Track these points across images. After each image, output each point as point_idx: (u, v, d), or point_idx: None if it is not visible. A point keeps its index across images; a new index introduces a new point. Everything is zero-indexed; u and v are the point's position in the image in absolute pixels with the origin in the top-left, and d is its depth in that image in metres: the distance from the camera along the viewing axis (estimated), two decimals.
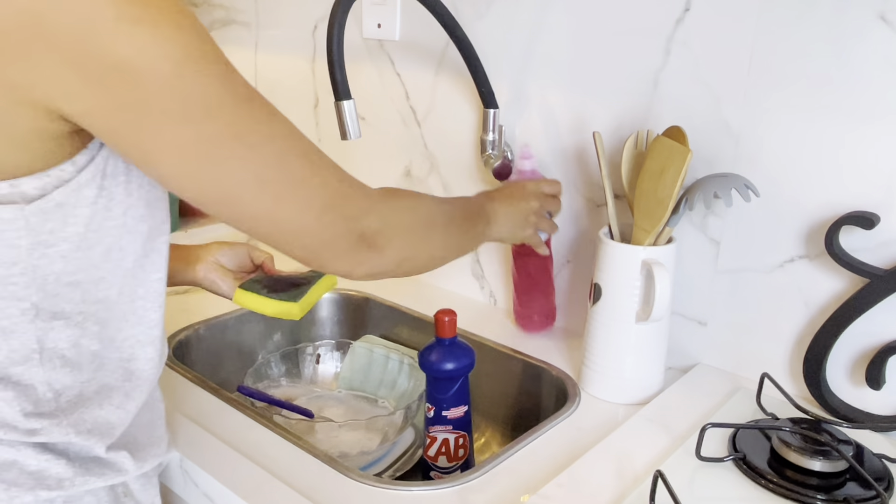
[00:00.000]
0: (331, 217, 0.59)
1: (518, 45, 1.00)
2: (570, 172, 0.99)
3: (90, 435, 0.59)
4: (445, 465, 0.84)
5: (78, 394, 0.59)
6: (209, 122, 0.51)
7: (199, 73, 0.50)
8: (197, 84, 0.50)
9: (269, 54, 1.35)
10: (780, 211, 0.82)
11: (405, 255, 0.67)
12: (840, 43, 0.75)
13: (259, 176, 0.54)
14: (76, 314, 0.57)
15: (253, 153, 0.54)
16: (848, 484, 0.66)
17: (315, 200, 0.58)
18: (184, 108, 0.49)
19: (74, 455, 0.59)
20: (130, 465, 0.63)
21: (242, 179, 0.54)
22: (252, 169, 0.54)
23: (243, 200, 0.55)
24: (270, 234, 0.58)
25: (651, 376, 0.86)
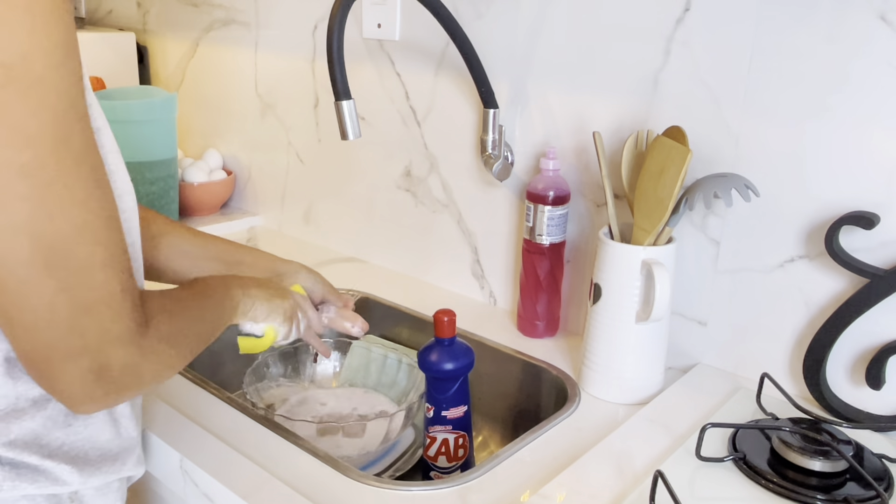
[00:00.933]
0: (85, 325, 0.48)
1: (518, 45, 1.00)
2: (571, 172, 0.99)
3: (18, 447, 0.55)
4: (445, 465, 0.84)
5: (12, 404, 0.55)
6: (15, 150, 0.43)
7: (30, 94, 0.43)
8: (21, 104, 0.43)
9: (269, 54, 1.35)
10: (780, 211, 0.82)
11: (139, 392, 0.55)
12: (840, 43, 0.75)
13: (40, 234, 0.45)
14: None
15: (50, 208, 0.45)
16: (848, 484, 0.66)
17: (83, 297, 0.48)
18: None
19: (7, 461, 0.55)
20: (74, 478, 0.58)
21: (18, 227, 0.44)
22: (38, 222, 0.45)
23: (7, 253, 0.45)
24: (9, 308, 0.47)
25: (651, 376, 0.86)
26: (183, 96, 1.55)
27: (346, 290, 1.16)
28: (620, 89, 0.92)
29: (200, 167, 1.45)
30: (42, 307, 0.47)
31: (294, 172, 1.38)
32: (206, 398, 0.84)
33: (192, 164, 1.45)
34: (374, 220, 1.26)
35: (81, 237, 0.47)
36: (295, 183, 1.38)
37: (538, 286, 1.00)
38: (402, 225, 1.22)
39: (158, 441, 0.75)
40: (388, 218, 1.24)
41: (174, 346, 0.57)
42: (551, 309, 1.01)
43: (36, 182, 0.44)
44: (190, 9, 1.47)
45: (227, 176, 1.47)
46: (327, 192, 1.33)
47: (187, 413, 0.81)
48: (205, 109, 1.52)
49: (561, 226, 0.97)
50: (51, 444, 0.57)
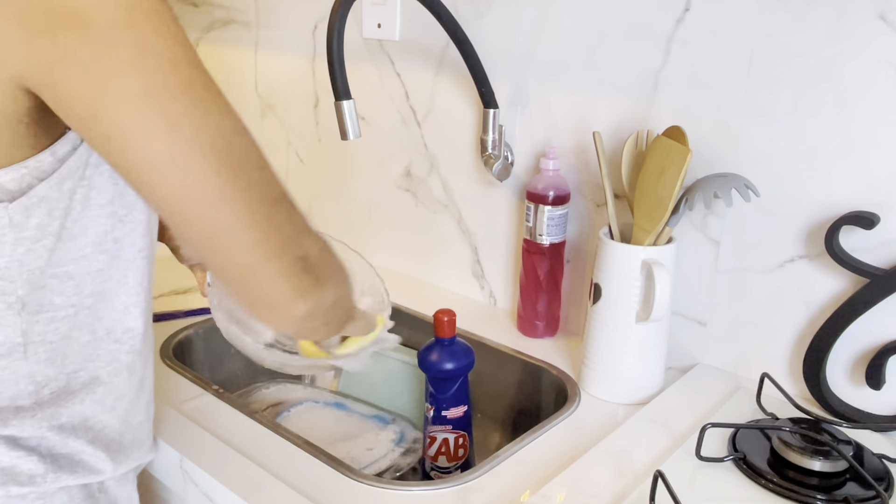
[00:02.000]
0: (280, 217, 0.52)
1: (518, 45, 1.00)
2: (571, 172, 0.99)
3: (67, 432, 0.58)
4: (445, 465, 0.84)
5: (63, 386, 0.58)
6: (164, 73, 0.46)
7: (156, 25, 0.46)
8: (152, 34, 0.46)
9: (269, 54, 1.35)
10: (780, 211, 0.82)
11: (337, 296, 0.58)
12: (840, 43, 0.75)
13: (214, 144, 0.48)
14: (67, 306, 0.57)
15: (212, 118, 0.48)
16: (848, 484, 0.66)
17: (269, 190, 0.51)
18: (136, 55, 0.45)
19: (47, 451, 0.58)
20: (107, 466, 0.61)
21: (194, 143, 0.47)
22: (208, 133, 0.48)
23: (190, 172, 0.48)
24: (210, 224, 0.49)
25: (651, 376, 0.86)
26: None
27: None
28: (620, 89, 0.92)
29: None
30: (240, 209, 0.49)
31: (294, 172, 1.38)
32: (207, 398, 0.84)
33: None
34: (374, 220, 1.26)
35: (244, 138, 0.50)
36: (295, 183, 1.38)
37: (538, 286, 1.00)
38: (402, 225, 1.22)
39: (159, 441, 0.75)
40: (388, 218, 1.24)
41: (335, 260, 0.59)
42: (551, 309, 1.01)
43: (190, 98, 0.47)
44: (190, 9, 1.47)
45: None
46: (327, 192, 1.33)
47: (187, 413, 0.81)
48: None
49: (561, 226, 0.97)
50: (95, 428, 0.60)
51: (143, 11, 0.45)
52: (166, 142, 0.46)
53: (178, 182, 0.48)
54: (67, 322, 0.57)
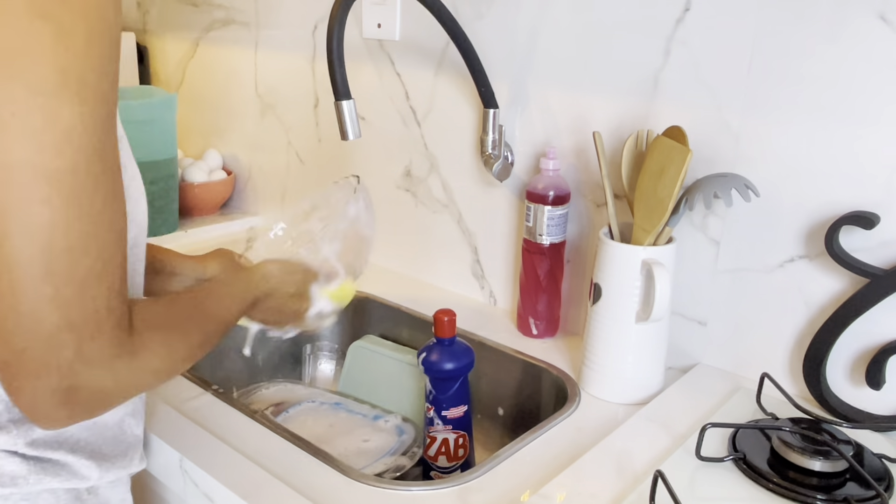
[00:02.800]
0: (64, 340, 0.47)
1: (518, 45, 1.00)
2: (571, 172, 0.99)
3: (43, 446, 0.57)
4: (445, 465, 0.84)
5: None
6: (54, 155, 0.44)
7: (78, 102, 0.45)
8: (69, 112, 0.44)
9: (269, 54, 1.35)
10: (780, 211, 0.82)
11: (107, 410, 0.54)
12: (840, 43, 0.75)
13: (52, 239, 0.45)
14: None
15: (69, 215, 0.45)
16: (848, 484, 0.66)
17: (74, 309, 0.46)
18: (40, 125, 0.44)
19: (30, 456, 0.57)
20: (93, 473, 0.60)
21: (34, 229, 0.44)
22: (53, 227, 0.45)
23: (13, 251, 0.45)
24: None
25: (651, 376, 0.86)
26: (183, 96, 1.55)
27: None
28: (620, 89, 0.92)
29: (200, 167, 1.45)
30: (29, 314, 0.46)
31: (294, 172, 1.38)
32: (207, 398, 0.84)
33: (192, 164, 1.45)
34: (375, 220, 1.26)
35: (88, 250, 0.47)
36: (295, 183, 1.38)
37: (538, 286, 1.00)
38: (402, 225, 1.22)
39: (159, 441, 0.75)
40: (388, 218, 1.24)
41: (156, 375, 0.55)
42: (551, 309, 1.01)
43: (63, 188, 0.45)
44: (190, 9, 1.47)
45: (227, 176, 1.47)
46: None
47: (187, 413, 0.81)
48: (205, 109, 1.52)
49: (561, 226, 0.97)
50: (69, 441, 0.59)
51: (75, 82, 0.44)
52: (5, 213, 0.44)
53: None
54: None
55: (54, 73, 0.44)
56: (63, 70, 0.44)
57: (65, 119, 0.44)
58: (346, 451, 0.88)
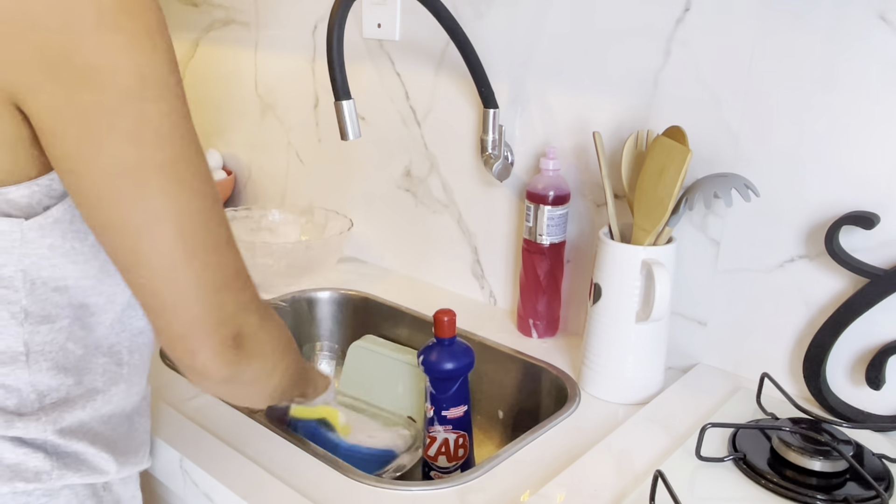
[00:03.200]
0: (224, 298, 0.54)
1: (518, 45, 1.00)
2: (571, 172, 0.99)
3: (69, 435, 0.59)
4: (445, 465, 0.84)
5: (63, 396, 0.59)
6: (154, 149, 0.49)
7: (162, 100, 0.49)
8: (156, 108, 0.49)
9: (269, 54, 1.35)
10: (780, 211, 0.82)
11: (260, 375, 0.61)
12: (840, 43, 0.75)
13: (180, 222, 0.51)
14: (63, 318, 0.57)
15: (185, 196, 0.51)
16: (848, 484, 0.66)
17: (220, 273, 0.54)
18: (135, 127, 0.48)
19: (52, 450, 0.59)
20: (111, 467, 0.62)
21: (162, 218, 0.50)
22: (177, 211, 0.51)
23: (152, 242, 0.51)
24: (158, 292, 0.53)
25: (651, 376, 0.86)
26: None
27: (346, 289, 1.17)
28: (620, 89, 0.92)
29: None
30: (189, 286, 0.52)
31: (294, 172, 1.38)
32: (206, 398, 0.84)
33: None
34: (374, 221, 1.26)
35: (211, 220, 0.53)
36: (295, 183, 1.38)
37: (538, 286, 1.00)
38: (402, 225, 1.22)
39: (159, 441, 0.75)
40: (388, 218, 1.24)
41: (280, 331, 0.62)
42: (551, 309, 1.01)
43: (172, 176, 0.50)
44: (190, 9, 1.47)
45: (227, 176, 1.47)
46: (327, 192, 1.33)
47: (187, 412, 0.81)
48: (205, 109, 1.52)
49: (561, 226, 0.97)
50: (91, 433, 0.61)
51: (154, 85, 0.48)
52: (134, 212, 0.50)
53: (135, 249, 0.51)
54: (63, 333, 0.58)
55: (136, 78, 0.48)
56: (141, 74, 0.48)
57: (153, 117, 0.49)
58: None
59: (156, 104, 0.49)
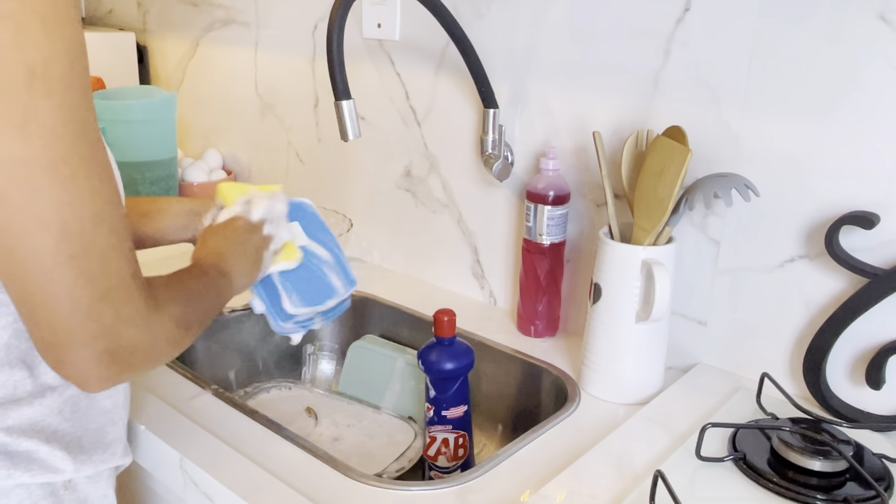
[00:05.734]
0: (102, 309, 0.51)
1: (518, 45, 1.00)
2: (571, 172, 0.99)
3: (17, 433, 0.57)
4: (445, 465, 0.84)
5: (9, 393, 0.57)
6: (43, 147, 0.46)
7: (54, 94, 0.46)
8: (47, 104, 0.46)
9: (269, 54, 1.35)
10: (780, 211, 0.82)
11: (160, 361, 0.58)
12: (840, 43, 0.75)
13: (64, 226, 0.48)
14: (5, 315, 0.56)
15: (73, 198, 0.48)
16: (848, 484, 0.66)
17: (101, 282, 0.50)
18: (21, 122, 0.45)
19: (1, 447, 0.57)
20: (67, 466, 0.60)
21: (45, 221, 0.47)
22: (62, 215, 0.48)
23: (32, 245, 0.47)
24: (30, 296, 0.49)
25: (651, 376, 0.86)
26: (183, 96, 1.55)
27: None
28: (620, 89, 0.92)
29: (200, 167, 1.45)
30: (64, 295, 0.49)
31: (294, 172, 1.38)
32: (207, 398, 0.84)
33: (192, 164, 1.45)
34: (374, 221, 1.26)
35: (99, 226, 0.50)
36: (295, 183, 1.38)
37: (538, 286, 1.00)
38: (402, 225, 1.22)
39: (158, 440, 0.75)
40: (388, 218, 1.24)
41: (182, 327, 0.59)
42: (551, 309, 1.01)
43: (59, 175, 0.47)
44: (190, 9, 1.47)
45: (227, 176, 1.47)
46: (327, 192, 1.33)
47: (187, 412, 0.81)
48: (205, 109, 1.52)
49: (561, 226, 0.97)
50: (46, 430, 0.59)
51: (46, 78, 0.46)
52: (17, 213, 0.47)
53: (14, 250, 0.48)
54: (7, 330, 0.56)
55: (23, 71, 0.45)
56: (30, 67, 0.45)
57: (43, 111, 0.46)
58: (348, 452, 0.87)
59: (47, 99, 0.46)
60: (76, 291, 0.49)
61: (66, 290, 0.49)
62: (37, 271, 0.48)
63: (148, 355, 0.55)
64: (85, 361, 0.51)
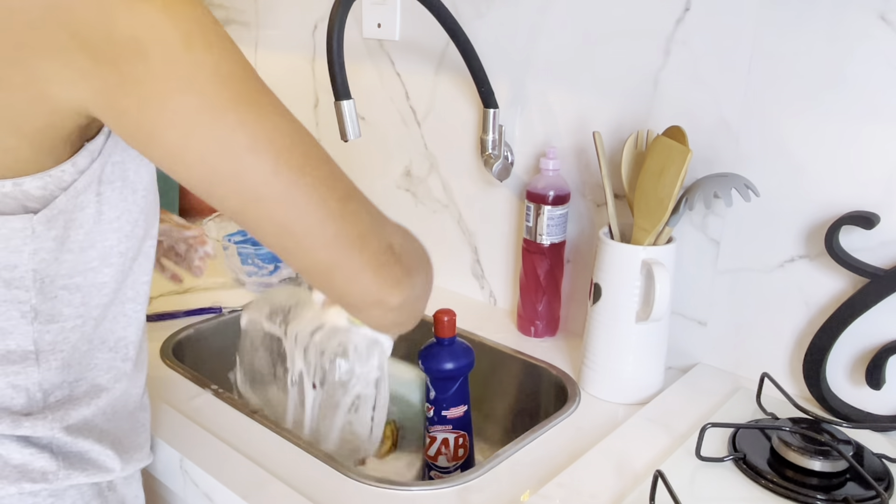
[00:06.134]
0: (356, 206, 0.53)
1: (518, 45, 1.00)
2: (571, 172, 0.99)
3: (75, 432, 0.59)
4: (445, 465, 0.84)
5: (67, 394, 0.59)
6: (217, 89, 0.47)
7: (210, 45, 0.47)
8: (206, 54, 0.47)
9: (269, 54, 1.35)
10: (780, 211, 0.82)
11: (424, 283, 0.60)
12: (840, 43, 0.75)
13: (275, 145, 0.49)
14: (75, 317, 0.58)
15: (267, 121, 0.49)
16: (848, 484, 0.66)
17: (339, 183, 0.52)
18: (191, 75, 0.46)
19: (58, 450, 0.59)
20: (116, 465, 0.62)
21: (254, 148, 0.48)
22: (266, 137, 0.49)
23: (255, 175, 0.49)
24: (286, 224, 0.50)
25: (651, 376, 0.86)
26: None
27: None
28: (620, 89, 0.92)
29: None
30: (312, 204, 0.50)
31: None
32: (206, 398, 0.84)
33: None
34: None
35: (305, 138, 0.52)
36: None
37: (538, 286, 1.00)
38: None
39: (158, 441, 0.75)
40: None
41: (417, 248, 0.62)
42: (551, 309, 1.01)
43: (243, 108, 0.48)
44: None
45: None
46: None
47: (187, 412, 0.81)
48: None
49: (561, 226, 0.97)
50: (96, 430, 0.61)
51: (199, 34, 0.47)
52: (223, 155, 0.48)
53: (240, 190, 0.49)
54: (76, 332, 0.58)
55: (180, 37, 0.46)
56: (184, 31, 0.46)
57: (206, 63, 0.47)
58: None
59: (202, 50, 0.47)
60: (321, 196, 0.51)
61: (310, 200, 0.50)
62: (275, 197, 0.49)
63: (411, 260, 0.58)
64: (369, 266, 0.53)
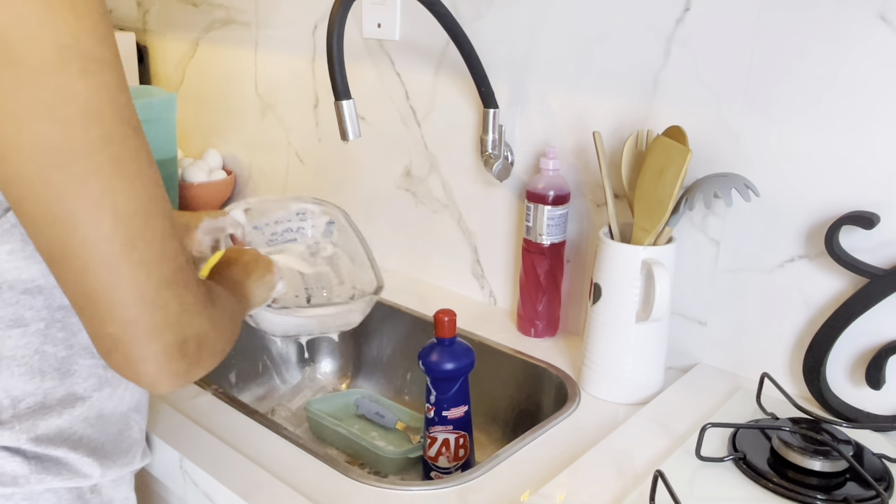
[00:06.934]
0: (166, 297, 0.49)
1: (518, 44, 1.00)
2: (571, 172, 0.99)
3: (46, 442, 0.57)
4: (445, 465, 0.84)
5: (40, 401, 0.57)
6: (82, 128, 0.44)
7: (87, 73, 0.44)
8: (80, 83, 0.44)
9: (269, 54, 1.35)
10: (780, 211, 0.82)
11: (216, 362, 0.56)
12: (840, 43, 0.75)
13: (116, 210, 0.46)
14: (37, 321, 0.56)
15: (120, 181, 0.46)
16: (848, 484, 0.66)
17: (164, 266, 0.49)
18: (56, 103, 0.43)
19: (31, 454, 0.57)
20: (94, 471, 0.60)
21: (96, 205, 0.45)
22: (113, 198, 0.46)
23: (86, 232, 0.46)
24: (91, 290, 0.47)
25: (651, 376, 0.86)
26: (183, 96, 1.55)
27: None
28: (620, 89, 0.92)
29: (200, 167, 1.45)
30: (126, 283, 0.47)
31: (294, 172, 1.38)
32: (206, 398, 0.84)
33: (192, 164, 1.45)
34: (374, 220, 1.26)
35: (153, 209, 0.48)
36: (295, 183, 1.38)
37: (538, 286, 1.00)
38: (402, 225, 1.22)
39: (158, 441, 0.75)
40: (388, 218, 1.24)
41: (230, 320, 0.58)
42: (551, 309, 1.01)
43: (105, 157, 0.45)
44: (190, 9, 1.47)
45: (227, 176, 1.47)
46: (327, 192, 1.32)
47: (187, 412, 0.81)
48: (205, 109, 1.52)
49: (561, 226, 0.97)
50: (72, 438, 0.59)
51: (77, 54, 0.44)
52: (65, 199, 0.45)
53: (66, 241, 0.46)
54: (38, 336, 0.56)
55: (54, 49, 0.43)
56: (61, 45, 0.43)
57: (78, 92, 0.44)
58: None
59: (81, 77, 0.44)
60: (138, 277, 0.47)
61: (126, 277, 0.47)
62: (94, 260, 0.46)
63: (213, 348, 0.54)
64: (154, 357, 0.49)
